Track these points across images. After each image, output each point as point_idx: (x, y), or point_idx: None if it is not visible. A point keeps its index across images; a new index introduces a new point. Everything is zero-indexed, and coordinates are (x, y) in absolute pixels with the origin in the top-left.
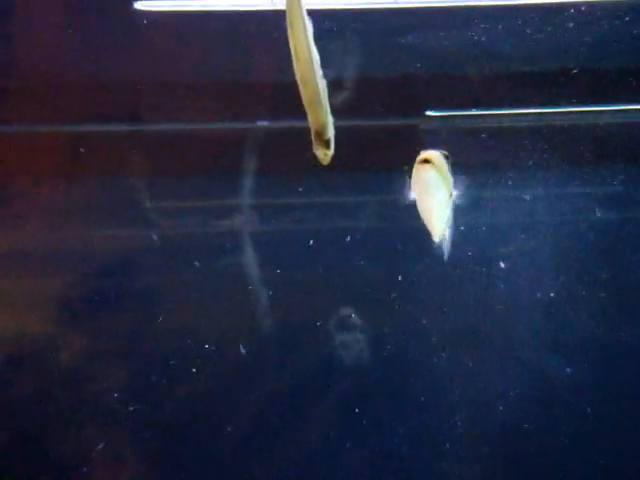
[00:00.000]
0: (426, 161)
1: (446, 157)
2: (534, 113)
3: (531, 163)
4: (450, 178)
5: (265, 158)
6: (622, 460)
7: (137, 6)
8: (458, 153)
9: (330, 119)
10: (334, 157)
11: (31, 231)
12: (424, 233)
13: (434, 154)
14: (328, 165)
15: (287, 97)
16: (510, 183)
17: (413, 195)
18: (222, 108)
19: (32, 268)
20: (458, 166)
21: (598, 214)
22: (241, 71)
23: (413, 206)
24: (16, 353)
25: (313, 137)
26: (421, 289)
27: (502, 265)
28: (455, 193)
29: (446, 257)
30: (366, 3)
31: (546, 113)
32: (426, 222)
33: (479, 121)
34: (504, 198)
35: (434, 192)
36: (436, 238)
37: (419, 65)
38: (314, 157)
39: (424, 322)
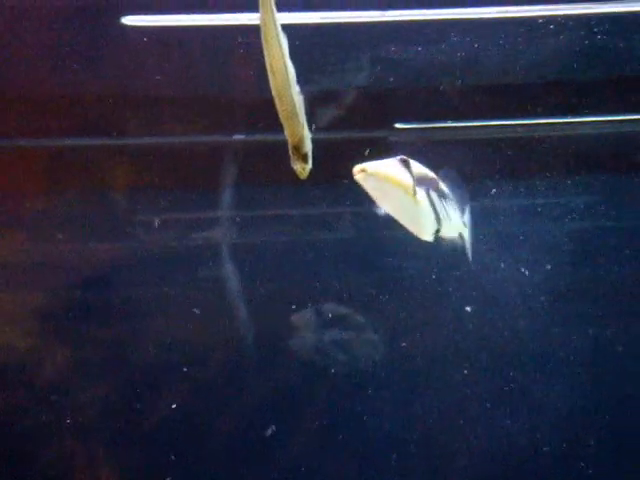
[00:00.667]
0: (362, 171)
1: (404, 162)
2: (505, 125)
3: (501, 174)
4: (407, 180)
5: (243, 171)
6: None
7: (124, 21)
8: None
9: (307, 133)
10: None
11: (12, 244)
12: (402, 243)
13: (371, 164)
14: (305, 179)
15: (265, 111)
16: (481, 193)
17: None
18: (200, 122)
19: (13, 281)
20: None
21: (576, 223)
22: (219, 85)
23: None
24: None
25: (290, 151)
26: (399, 299)
27: (477, 275)
28: (432, 194)
29: (470, 257)
30: (339, 18)
31: (517, 125)
32: (407, 227)
33: (448, 133)
34: (480, 210)
35: (388, 198)
36: (426, 238)
37: (390, 78)
38: (292, 171)
39: (402, 333)
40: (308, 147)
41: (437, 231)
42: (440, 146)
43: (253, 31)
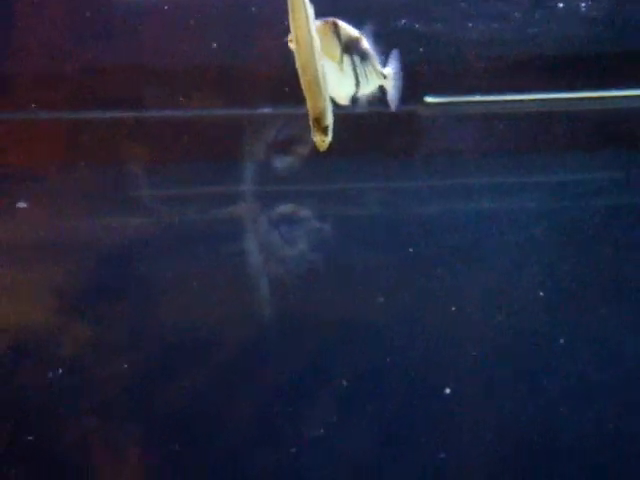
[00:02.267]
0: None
1: (334, 25)
2: (533, 100)
3: (529, 149)
4: (336, 48)
5: (264, 145)
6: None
7: None
8: (455, 139)
9: (329, 106)
10: (332, 144)
11: (29, 220)
12: (425, 219)
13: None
14: (326, 152)
15: (288, 84)
16: (506, 169)
17: None
18: (222, 95)
19: (31, 257)
20: (455, 152)
21: (594, 201)
22: (241, 57)
23: (413, 192)
24: (16, 343)
25: (311, 124)
26: (423, 275)
27: (492, 250)
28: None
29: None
30: None
31: (545, 99)
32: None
33: (477, 107)
34: (497, 184)
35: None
36: (343, 102)
37: (420, 51)
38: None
39: (426, 310)
40: (329, 120)
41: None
42: (470, 120)
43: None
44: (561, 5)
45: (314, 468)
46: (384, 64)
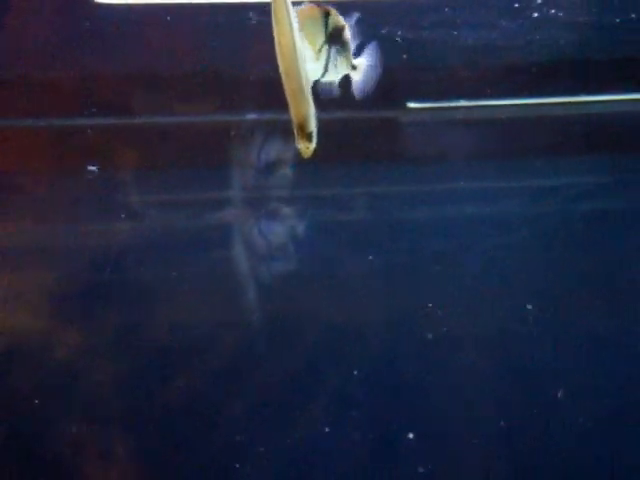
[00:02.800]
0: None
1: (325, 13)
2: (515, 105)
3: (512, 154)
4: (319, 33)
5: (251, 151)
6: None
7: None
8: (438, 144)
9: (313, 112)
10: (317, 150)
11: (19, 225)
12: (408, 224)
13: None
14: (310, 157)
15: (275, 89)
16: (490, 174)
17: None
18: (210, 101)
19: (20, 262)
20: (438, 157)
21: (582, 205)
22: (229, 64)
23: (398, 198)
24: (7, 348)
25: (295, 130)
26: (412, 280)
27: (482, 255)
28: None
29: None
30: None
31: (527, 104)
32: None
33: (460, 113)
34: (482, 189)
35: None
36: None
37: (403, 57)
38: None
39: (416, 313)
40: (313, 126)
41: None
42: (452, 126)
43: (264, 7)
44: (545, 11)
45: (308, 469)
46: (358, 54)
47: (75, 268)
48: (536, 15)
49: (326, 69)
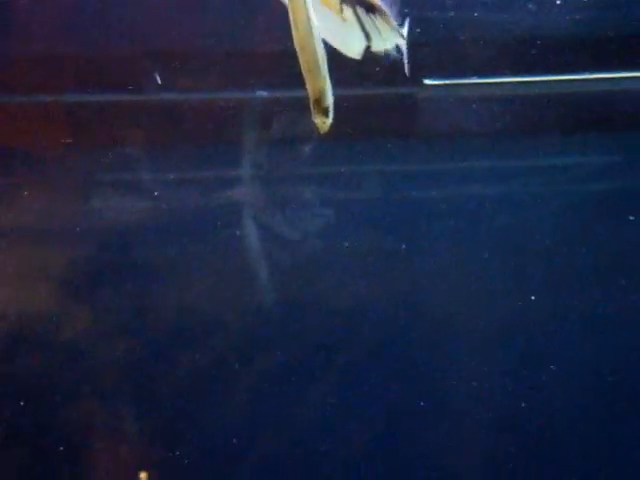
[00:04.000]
0: None
1: None
2: (531, 82)
3: (524, 132)
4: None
5: (264, 128)
6: None
7: None
8: (450, 122)
9: (329, 86)
10: (333, 126)
11: (29, 203)
12: (424, 202)
13: None
14: (327, 133)
15: (287, 66)
16: (502, 152)
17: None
18: (221, 78)
19: (29, 240)
20: (449, 135)
21: (593, 184)
22: (239, 40)
23: (413, 176)
24: (15, 328)
25: (312, 105)
26: (425, 259)
27: (492, 235)
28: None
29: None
30: None
31: (544, 81)
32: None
33: (475, 90)
34: (494, 167)
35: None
36: (355, 56)
37: (418, 33)
38: (313, 126)
39: (428, 293)
40: (329, 101)
41: (368, 47)
42: (465, 103)
43: None
44: None
45: (314, 455)
46: (400, 26)
47: (84, 247)
48: None
49: (367, 34)
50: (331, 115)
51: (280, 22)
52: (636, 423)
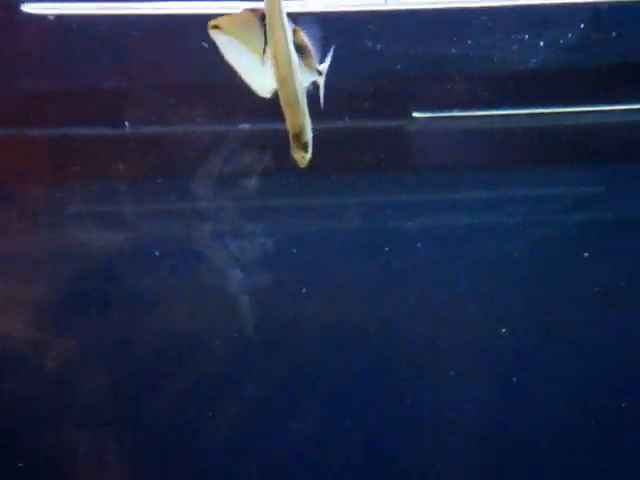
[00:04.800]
0: (215, 27)
1: (260, 16)
2: (517, 114)
3: (512, 163)
4: (259, 41)
5: (247, 160)
6: None
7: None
8: (436, 153)
9: (308, 122)
10: (317, 159)
11: (13, 234)
12: (411, 233)
13: (225, 19)
14: (308, 168)
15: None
16: (487, 183)
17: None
18: (203, 111)
19: (14, 271)
20: (444, 166)
21: (577, 214)
22: (222, 73)
23: (393, 206)
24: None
25: (291, 140)
26: (406, 288)
27: (480, 265)
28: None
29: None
30: (352, 6)
31: (527, 114)
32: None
33: (465, 122)
34: (479, 198)
35: (235, 54)
36: (265, 95)
37: (406, 67)
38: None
39: (411, 321)
40: (309, 136)
41: None
42: (457, 135)
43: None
44: (541, 26)
45: (299, 476)
46: (322, 60)
47: (67, 276)
48: (533, 29)
49: None
50: (310, 150)
51: None
52: (619, 449)
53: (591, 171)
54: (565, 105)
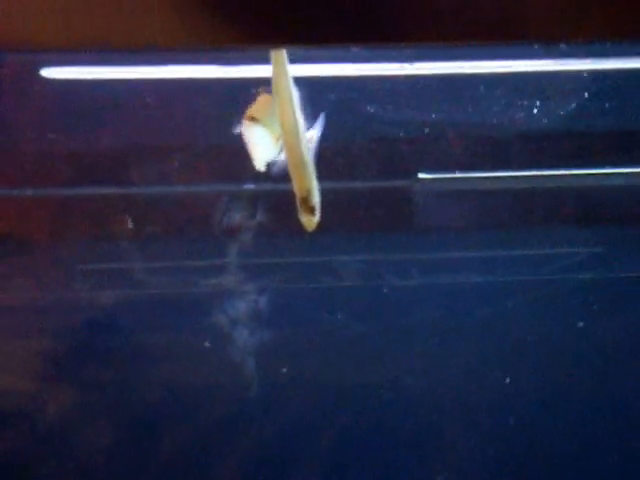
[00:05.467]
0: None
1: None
2: (519, 176)
3: (516, 224)
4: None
5: (252, 219)
6: None
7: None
8: (436, 214)
9: (316, 185)
10: (325, 219)
11: (15, 288)
12: (405, 292)
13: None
14: (313, 231)
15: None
16: (486, 243)
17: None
18: (210, 170)
19: (20, 325)
20: (449, 227)
21: (580, 275)
22: (228, 134)
23: (393, 265)
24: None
25: (298, 203)
26: (407, 345)
27: (483, 323)
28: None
29: None
30: (359, 70)
31: (530, 176)
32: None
33: (470, 183)
34: (478, 258)
35: (255, 135)
36: (257, 166)
37: (411, 128)
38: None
39: (410, 378)
40: (316, 200)
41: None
42: (463, 196)
43: (265, 82)
44: (545, 87)
45: None
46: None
47: (70, 332)
48: (537, 90)
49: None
50: (318, 214)
51: None
52: None
53: (591, 232)
54: (566, 168)
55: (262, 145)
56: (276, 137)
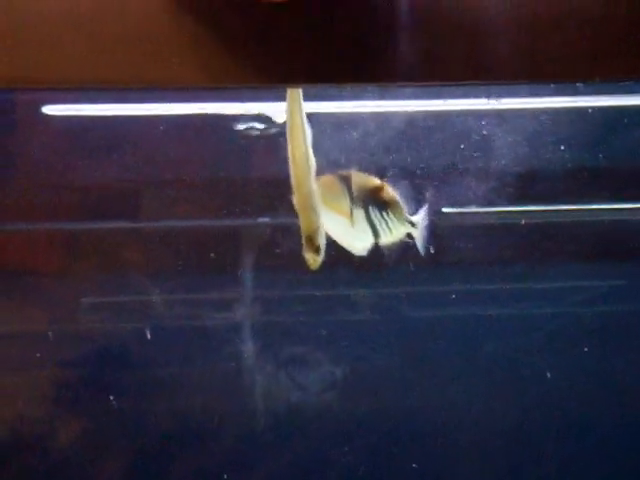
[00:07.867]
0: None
1: (343, 178)
2: (542, 210)
3: (539, 257)
4: (345, 202)
5: (263, 253)
6: None
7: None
8: (473, 249)
9: (322, 225)
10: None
11: (28, 321)
12: (423, 325)
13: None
14: (316, 270)
15: (285, 195)
16: (504, 277)
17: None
18: (221, 205)
19: (30, 357)
20: (475, 261)
21: (600, 308)
22: (240, 168)
23: (410, 299)
24: (9, 437)
25: (304, 241)
26: (424, 378)
27: (501, 357)
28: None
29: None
30: (374, 106)
31: (549, 211)
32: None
33: (490, 217)
34: (496, 291)
35: (326, 221)
36: (361, 253)
37: (433, 161)
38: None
39: (427, 410)
40: (322, 239)
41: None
42: (487, 230)
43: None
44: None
45: None
46: (415, 211)
47: (80, 364)
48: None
49: (375, 231)
50: (322, 253)
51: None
52: None
53: (611, 266)
54: (585, 202)
55: (338, 228)
56: (348, 217)
